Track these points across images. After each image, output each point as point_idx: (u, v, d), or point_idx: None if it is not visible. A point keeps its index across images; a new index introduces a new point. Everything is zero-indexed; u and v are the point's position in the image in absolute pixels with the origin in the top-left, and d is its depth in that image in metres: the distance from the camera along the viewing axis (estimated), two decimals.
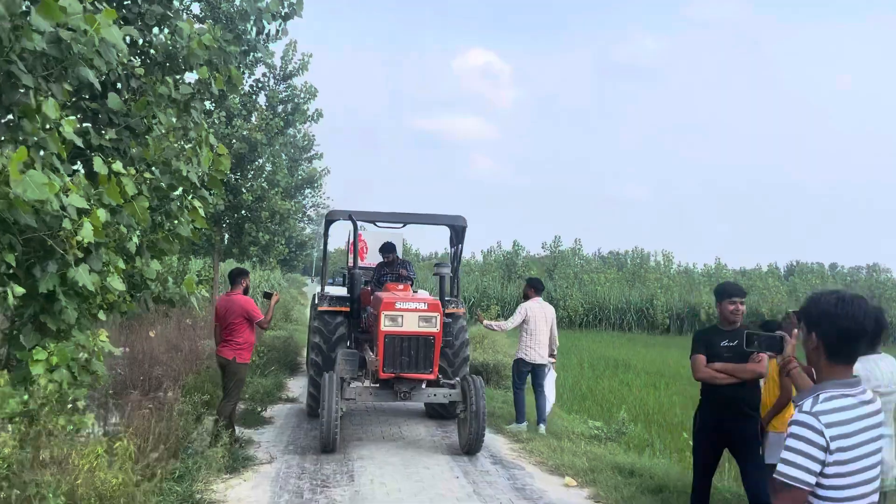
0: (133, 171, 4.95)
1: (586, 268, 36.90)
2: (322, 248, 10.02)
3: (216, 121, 12.85)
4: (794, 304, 28.79)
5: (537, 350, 8.38)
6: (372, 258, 11.06)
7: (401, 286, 8.09)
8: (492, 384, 10.34)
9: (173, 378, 9.40)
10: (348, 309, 8.48)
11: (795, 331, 2.84)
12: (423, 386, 7.26)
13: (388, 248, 9.20)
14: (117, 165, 4.63)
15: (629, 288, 34.55)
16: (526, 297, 8.70)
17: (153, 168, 5.50)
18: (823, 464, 2.05)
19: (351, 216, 8.40)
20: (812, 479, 2.05)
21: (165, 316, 12.28)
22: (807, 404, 2.12)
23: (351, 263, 14.74)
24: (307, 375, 8.60)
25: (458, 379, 7.54)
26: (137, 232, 5.23)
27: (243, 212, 14.44)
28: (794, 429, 2.09)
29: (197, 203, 5.80)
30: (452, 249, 9.51)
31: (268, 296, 7.46)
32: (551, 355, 8.68)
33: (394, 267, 9.06)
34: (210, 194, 6.18)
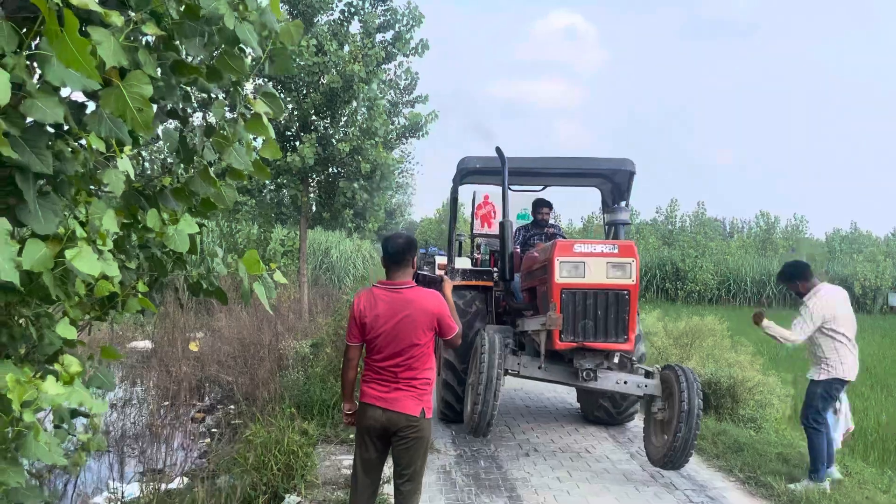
0: (119, 19, 2.09)
1: (710, 235, 32.68)
2: (451, 209, 7.81)
3: (302, 50, 10.12)
4: None
5: (855, 360, 5.30)
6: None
7: None
8: (723, 413, 6.89)
9: (240, 396, 6.88)
10: (487, 283, 6.98)
11: None
12: (616, 360, 5.49)
13: (543, 204, 7.34)
14: None
15: (761, 257, 30.28)
16: (799, 295, 5.47)
17: (164, 26, 2.58)
18: None
19: (499, 150, 6.27)
20: None
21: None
22: None
23: (484, 229, 11.69)
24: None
25: (656, 366, 5.71)
26: (128, 150, 2.46)
27: (335, 168, 11.80)
28: None
29: (260, 104, 2.86)
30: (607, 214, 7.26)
31: (425, 281, 3.90)
32: None
33: (543, 228, 7.24)
34: (280, 94, 3.35)
